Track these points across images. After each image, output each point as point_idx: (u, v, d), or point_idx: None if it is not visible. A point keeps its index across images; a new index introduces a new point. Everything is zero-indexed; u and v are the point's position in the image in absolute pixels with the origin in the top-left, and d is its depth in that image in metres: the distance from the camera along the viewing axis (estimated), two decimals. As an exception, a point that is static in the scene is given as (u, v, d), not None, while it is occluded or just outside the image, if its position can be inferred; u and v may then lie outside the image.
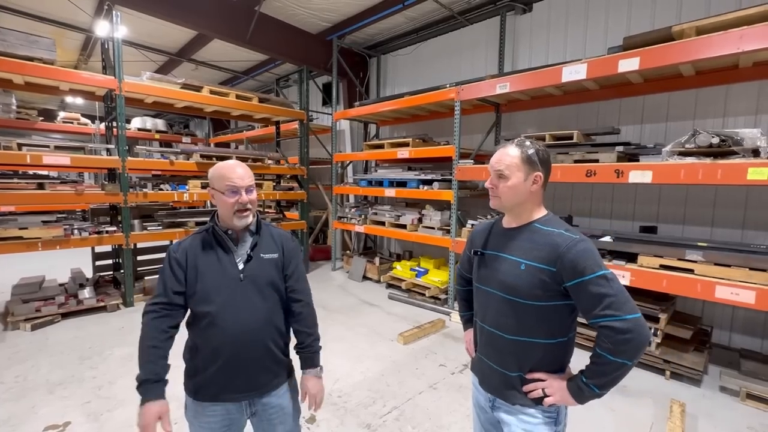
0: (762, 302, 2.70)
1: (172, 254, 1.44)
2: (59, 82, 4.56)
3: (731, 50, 2.77)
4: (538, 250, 1.25)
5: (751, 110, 3.60)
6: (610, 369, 1.14)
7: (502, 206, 1.34)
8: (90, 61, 8.50)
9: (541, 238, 1.26)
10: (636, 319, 1.12)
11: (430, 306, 4.99)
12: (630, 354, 1.12)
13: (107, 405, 2.79)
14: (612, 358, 1.13)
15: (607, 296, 1.13)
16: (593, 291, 1.15)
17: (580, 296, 1.19)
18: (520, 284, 1.26)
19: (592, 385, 1.18)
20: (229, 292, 1.42)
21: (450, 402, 2.92)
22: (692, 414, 2.75)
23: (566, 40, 4.80)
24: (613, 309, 1.13)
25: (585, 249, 1.19)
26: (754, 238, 3.59)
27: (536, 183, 1.28)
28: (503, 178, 1.29)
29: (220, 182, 1.42)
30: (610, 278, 1.16)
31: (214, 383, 1.41)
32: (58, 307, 4.42)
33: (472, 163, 4.68)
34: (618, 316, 1.12)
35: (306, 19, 6.37)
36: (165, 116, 12.38)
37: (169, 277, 1.41)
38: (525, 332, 1.28)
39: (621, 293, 1.15)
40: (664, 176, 3.09)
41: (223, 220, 1.48)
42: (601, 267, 1.17)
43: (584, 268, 1.16)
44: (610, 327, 1.12)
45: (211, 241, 1.47)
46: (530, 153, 1.27)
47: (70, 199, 4.51)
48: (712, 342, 3.68)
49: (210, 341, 1.40)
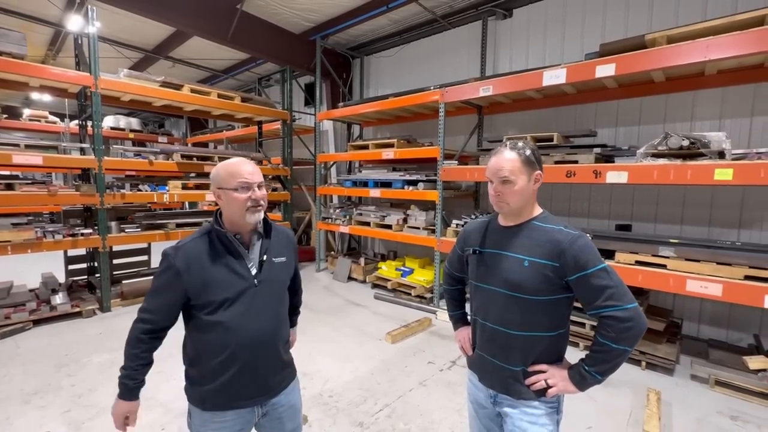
0: (728, 294, 2.89)
1: (171, 261, 1.33)
2: (30, 78, 4.35)
3: (698, 58, 2.96)
4: (540, 247, 1.29)
5: (716, 115, 3.84)
6: (613, 356, 1.21)
7: (511, 211, 1.36)
8: (59, 56, 8.12)
9: (542, 235, 1.31)
10: (635, 308, 1.20)
11: (416, 305, 5.05)
12: (631, 341, 1.19)
13: (89, 413, 2.69)
14: (615, 345, 1.20)
15: (609, 288, 1.20)
16: (596, 283, 1.21)
17: (582, 289, 1.25)
18: (524, 281, 1.29)
19: (594, 372, 1.24)
20: (245, 300, 1.38)
21: (440, 398, 2.97)
22: (667, 401, 2.91)
23: (545, 44, 4.97)
24: (615, 299, 1.19)
25: (585, 244, 1.25)
26: (719, 235, 3.83)
27: (538, 181, 1.33)
28: (509, 184, 1.30)
29: (229, 180, 1.37)
30: (609, 271, 1.23)
31: (226, 391, 1.37)
32: (29, 313, 4.21)
33: (456, 164, 4.77)
34: (620, 306, 1.19)
35: (289, 19, 6.32)
36: (139, 115, 11.96)
37: (166, 293, 1.34)
38: (530, 327, 1.32)
39: (620, 284, 1.22)
40: (638, 176, 3.25)
41: (231, 221, 1.41)
42: (601, 260, 1.24)
43: (586, 262, 1.22)
44: (613, 317, 1.19)
45: (218, 247, 1.39)
46: (528, 154, 1.31)
47: (41, 200, 4.30)
48: (683, 333, 3.90)
49: (222, 350, 1.36)
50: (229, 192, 1.36)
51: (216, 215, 1.44)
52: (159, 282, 1.36)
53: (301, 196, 8.13)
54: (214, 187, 1.42)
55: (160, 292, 1.35)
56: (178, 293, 1.34)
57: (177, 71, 8.79)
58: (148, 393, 2.84)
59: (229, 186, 1.37)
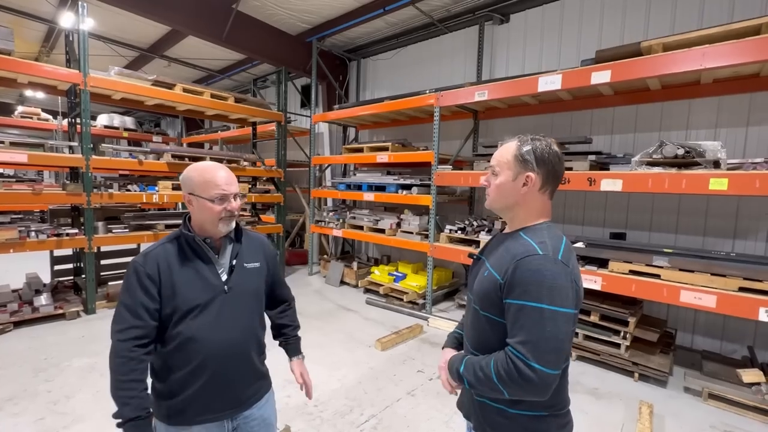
0: (722, 306, 2.84)
1: (140, 269, 1.25)
2: (17, 74, 4.27)
3: (694, 66, 2.93)
4: (501, 257, 1.11)
5: (711, 124, 3.81)
6: (488, 387, 1.06)
7: (490, 206, 1.21)
8: (53, 53, 8.04)
9: (512, 245, 1.11)
10: (542, 374, 0.96)
11: (408, 311, 4.97)
12: (514, 392, 1.01)
13: (63, 421, 2.60)
14: (497, 382, 1.02)
15: (530, 332, 0.98)
16: (519, 319, 1.01)
17: (508, 316, 1.05)
18: (479, 290, 1.15)
19: (467, 380, 1.12)
20: (213, 308, 1.31)
21: (428, 409, 2.89)
22: (659, 414, 2.85)
23: (541, 50, 4.94)
24: (528, 349, 0.98)
25: (538, 270, 1.00)
26: (714, 245, 3.79)
27: (527, 184, 1.12)
28: (494, 175, 1.18)
29: (205, 188, 1.29)
30: (545, 316, 0.98)
31: (194, 405, 1.30)
32: (10, 315, 4.10)
33: (450, 168, 4.72)
34: (527, 361, 0.97)
35: (285, 20, 6.27)
36: (134, 114, 11.87)
37: (141, 299, 1.24)
38: (481, 347, 1.17)
39: (548, 338, 0.98)
40: (633, 185, 3.21)
41: (201, 227, 1.35)
42: (544, 299, 0.98)
43: (523, 292, 1.00)
44: (515, 363, 0.99)
45: (186, 252, 1.33)
46: (524, 150, 1.12)
47: (26, 199, 4.21)
48: (677, 344, 3.85)
49: (189, 360, 1.28)
50: (204, 201, 1.30)
51: (185, 219, 1.39)
52: (132, 293, 1.25)
53: (295, 198, 8.06)
54: (185, 191, 1.34)
55: (135, 302, 1.24)
56: (154, 298, 1.26)
57: (173, 71, 8.72)
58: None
59: (204, 195, 1.30)
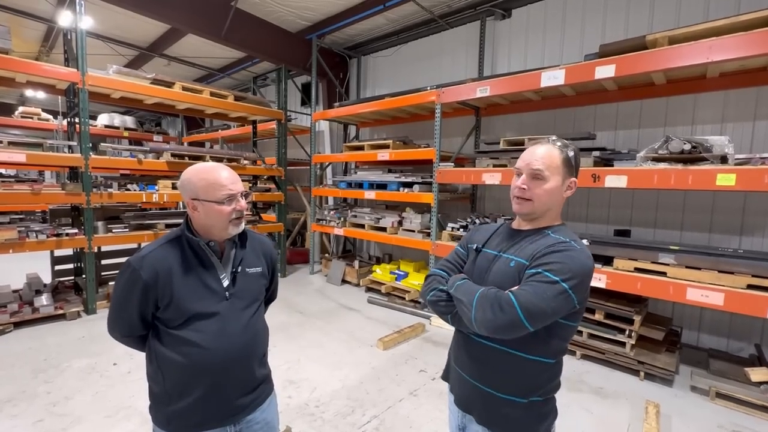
0: (730, 304, 2.79)
1: (138, 273, 1.20)
2: (15, 73, 4.24)
3: (701, 60, 2.87)
4: (529, 249, 1.15)
5: (717, 119, 3.75)
6: (465, 298, 1.12)
7: (533, 212, 1.19)
8: (52, 53, 8.02)
9: (544, 241, 1.15)
10: (517, 321, 1.00)
11: (410, 310, 4.93)
12: (480, 315, 1.05)
13: (62, 423, 2.57)
14: (476, 296, 1.09)
15: (532, 289, 1.04)
16: (531, 279, 1.06)
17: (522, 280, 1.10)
18: (502, 282, 1.15)
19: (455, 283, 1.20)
20: (215, 316, 1.27)
21: (431, 409, 2.86)
22: (666, 414, 2.80)
23: (544, 45, 4.87)
24: (520, 295, 1.03)
25: (571, 257, 1.06)
26: (720, 242, 3.73)
27: (571, 189, 1.20)
28: (539, 180, 1.15)
29: (210, 191, 1.24)
30: (555, 289, 1.02)
31: (195, 412, 1.25)
32: (10, 315, 4.08)
33: (452, 166, 4.67)
34: (514, 300, 1.02)
35: (285, 17, 6.22)
36: (135, 113, 11.86)
37: (132, 312, 1.22)
38: (510, 342, 1.16)
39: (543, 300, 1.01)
40: (638, 181, 3.15)
41: (207, 231, 1.29)
42: (562, 276, 1.03)
43: (546, 264, 1.06)
44: (502, 295, 1.05)
45: (188, 256, 1.27)
46: (570, 155, 1.17)
47: (25, 199, 4.19)
48: (683, 342, 3.79)
49: (192, 366, 1.23)
50: (211, 204, 1.24)
51: (186, 220, 1.33)
52: (126, 297, 1.23)
53: (296, 197, 8.02)
54: (187, 198, 1.27)
55: (125, 307, 1.23)
56: (149, 305, 1.23)
57: (172, 69, 8.69)
58: (126, 401, 2.72)
59: (211, 198, 1.24)
